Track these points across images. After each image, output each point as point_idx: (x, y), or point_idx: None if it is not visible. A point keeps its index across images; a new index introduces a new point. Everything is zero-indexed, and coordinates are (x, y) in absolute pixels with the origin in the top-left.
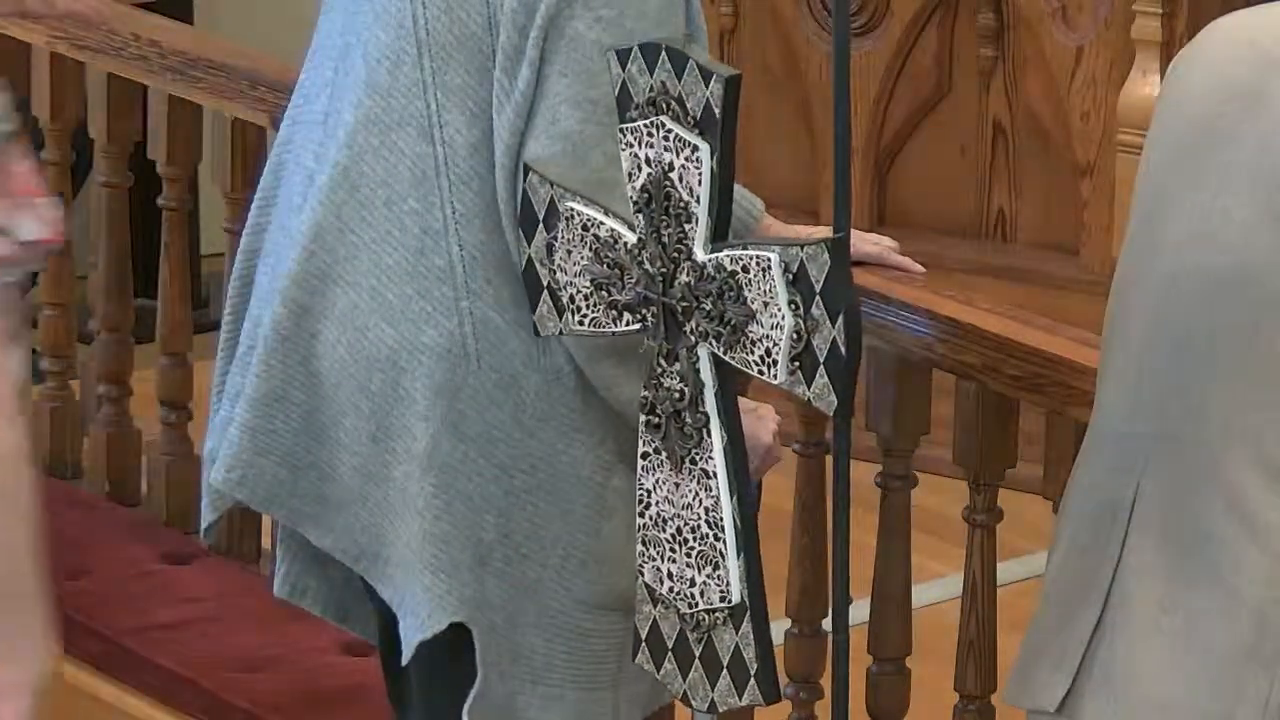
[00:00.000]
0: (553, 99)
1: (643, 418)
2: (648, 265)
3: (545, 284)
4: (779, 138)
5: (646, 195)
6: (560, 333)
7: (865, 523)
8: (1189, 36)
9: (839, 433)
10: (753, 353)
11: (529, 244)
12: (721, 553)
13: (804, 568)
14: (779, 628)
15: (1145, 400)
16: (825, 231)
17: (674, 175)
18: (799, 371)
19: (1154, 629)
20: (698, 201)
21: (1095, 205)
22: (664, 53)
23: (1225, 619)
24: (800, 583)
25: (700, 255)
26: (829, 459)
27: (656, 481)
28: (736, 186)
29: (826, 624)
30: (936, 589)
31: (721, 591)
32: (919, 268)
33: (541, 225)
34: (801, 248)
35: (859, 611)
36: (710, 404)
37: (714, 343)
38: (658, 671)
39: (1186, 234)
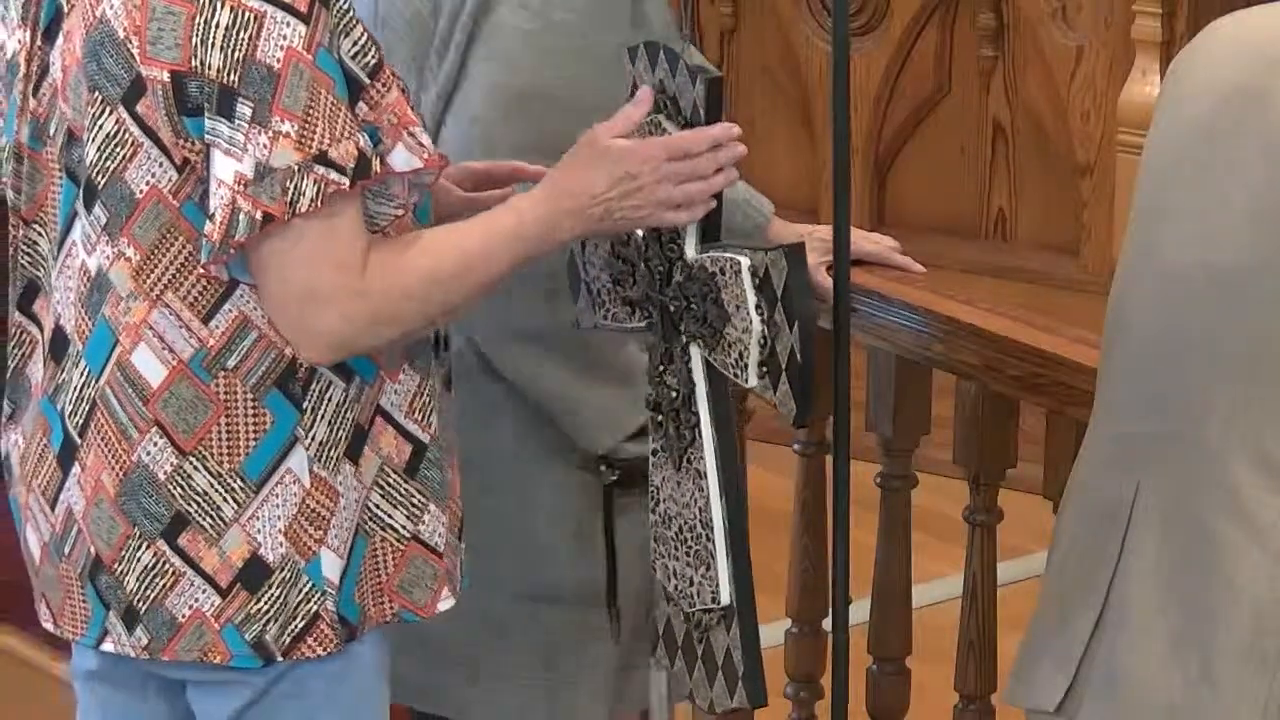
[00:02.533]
0: (470, 84)
1: (650, 415)
2: (650, 262)
3: (583, 279)
4: (779, 138)
5: None
6: (596, 326)
7: (865, 523)
8: (1189, 36)
9: (839, 433)
10: (729, 355)
11: None
12: (712, 554)
13: (804, 568)
14: (779, 627)
15: (1145, 400)
16: (825, 232)
17: None
18: (766, 376)
19: (1153, 629)
20: None
21: (1095, 205)
22: (661, 52)
23: (1225, 619)
24: (800, 583)
25: (690, 255)
26: (829, 459)
27: (663, 479)
28: (746, 187)
29: (826, 624)
30: (936, 589)
31: (713, 593)
32: (919, 267)
33: None
34: (765, 253)
35: (859, 611)
36: (701, 404)
37: (700, 343)
38: (671, 668)
39: (1186, 234)
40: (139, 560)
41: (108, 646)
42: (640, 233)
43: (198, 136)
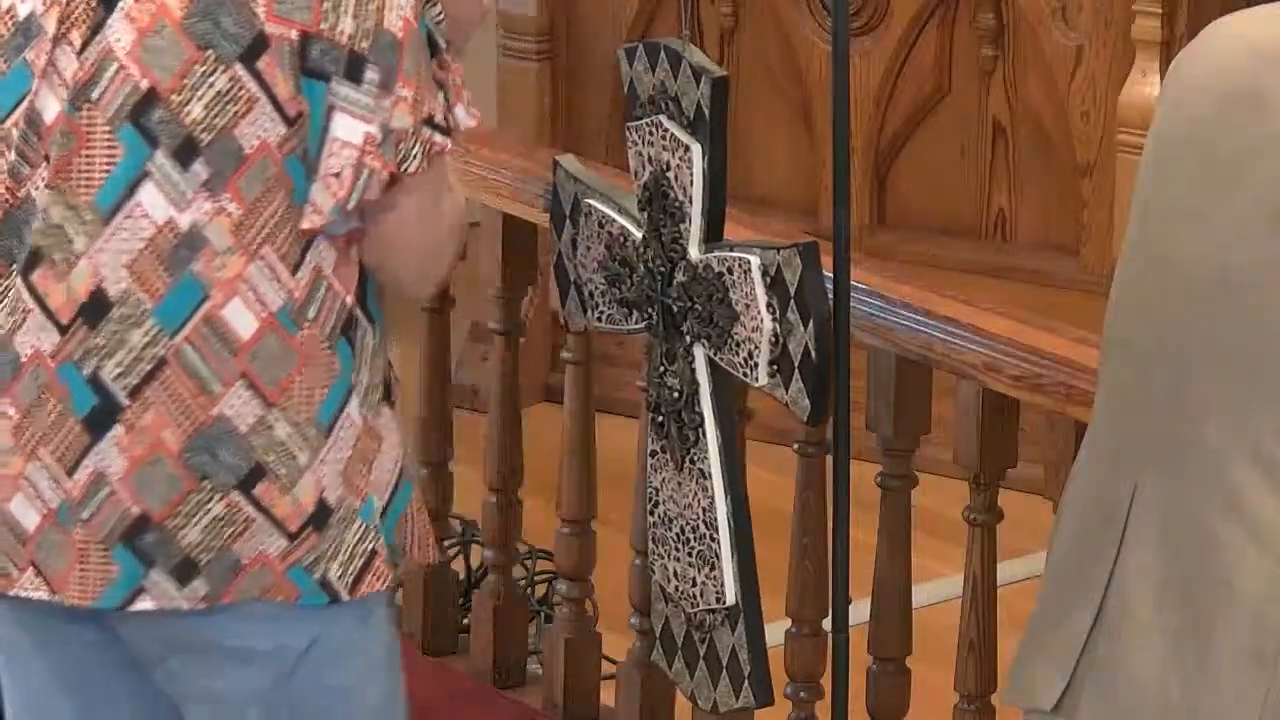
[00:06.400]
0: None
1: (649, 416)
2: (650, 263)
3: (572, 279)
4: (779, 138)
5: (647, 194)
6: (586, 327)
7: (865, 523)
8: (1189, 36)
9: (839, 433)
10: (738, 354)
11: (558, 238)
12: (717, 554)
13: (804, 568)
14: (779, 628)
15: (1144, 400)
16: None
17: (670, 175)
18: (777, 375)
19: (1151, 628)
20: (690, 202)
21: (1095, 205)
22: (663, 51)
23: (1223, 619)
24: (800, 583)
25: (694, 255)
26: (829, 459)
27: (663, 480)
28: None
29: (826, 624)
30: (936, 589)
31: (717, 593)
32: None
33: (568, 221)
34: (778, 251)
35: (859, 611)
36: (705, 404)
37: (705, 343)
38: (669, 669)
39: (1186, 234)
40: (207, 512)
41: (144, 605)
42: (639, 234)
43: (307, 97)
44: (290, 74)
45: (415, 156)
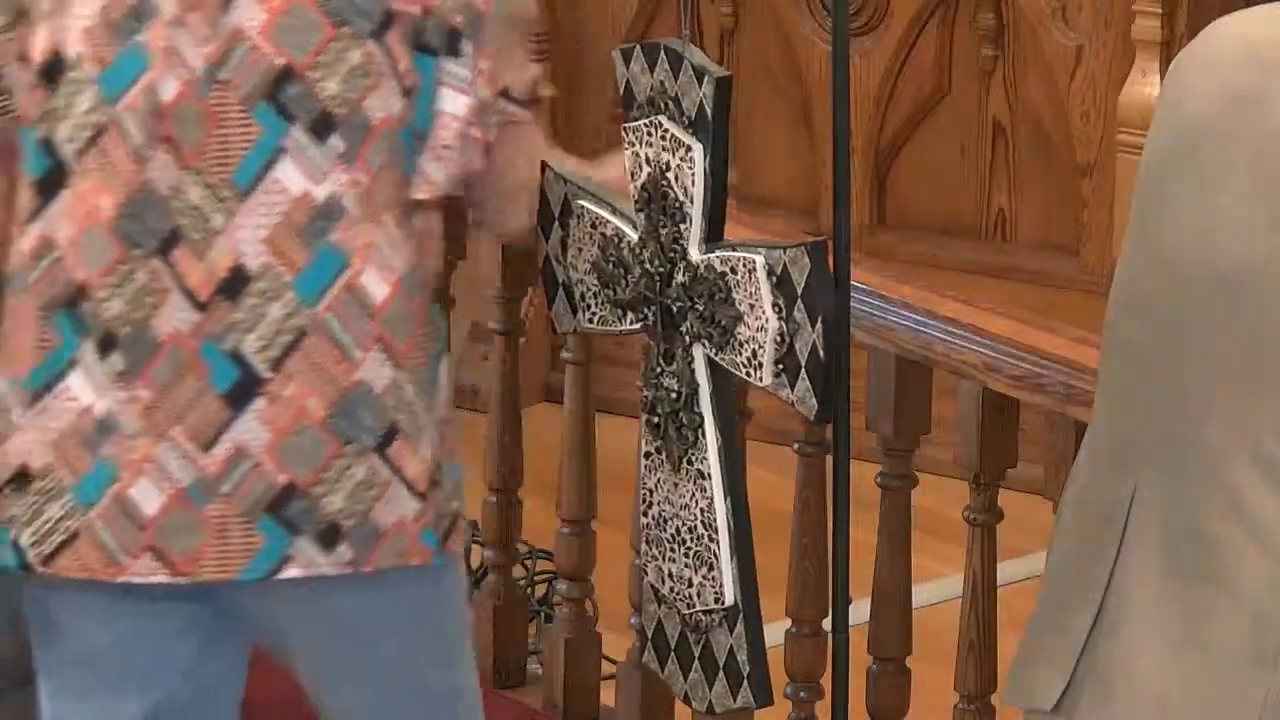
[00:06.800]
0: None
1: (644, 417)
2: (647, 264)
3: (560, 281)
4: (779, 138)
5: (645, 194)
6: (575, 330)
7: (865, 523)
8: (1189, 36)
9: (839, 432)
10: (741, 354)
11: (546, 240)
12: (715, 554)
13: (804, 568)
14: (779, 628)
15: (1145, 400)
16: None
17: (670, 175)
18: (783, 374)
19: (1151, 628)
20: (691, 202)
21: (1095, 205)
22: (662, 51)
23: (1223, 618)
24: (800, 583)
25: (694, 255)
26: (829, 459)
27: (658, 481)
28: None
29: (826, 624)
30: (936, 589)
31: (716, 593)
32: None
33: (557, 222)
34: (784, 250)
35: (859, 611)
36: (705, 405)
37: (706, 344)
38: (662, 671)
39: (1185, 234)
40: (350, 477)
41: (292, 572)
42: (635, 234)
43: (419, 71)
44: (407, 49)
45: (493, 128)
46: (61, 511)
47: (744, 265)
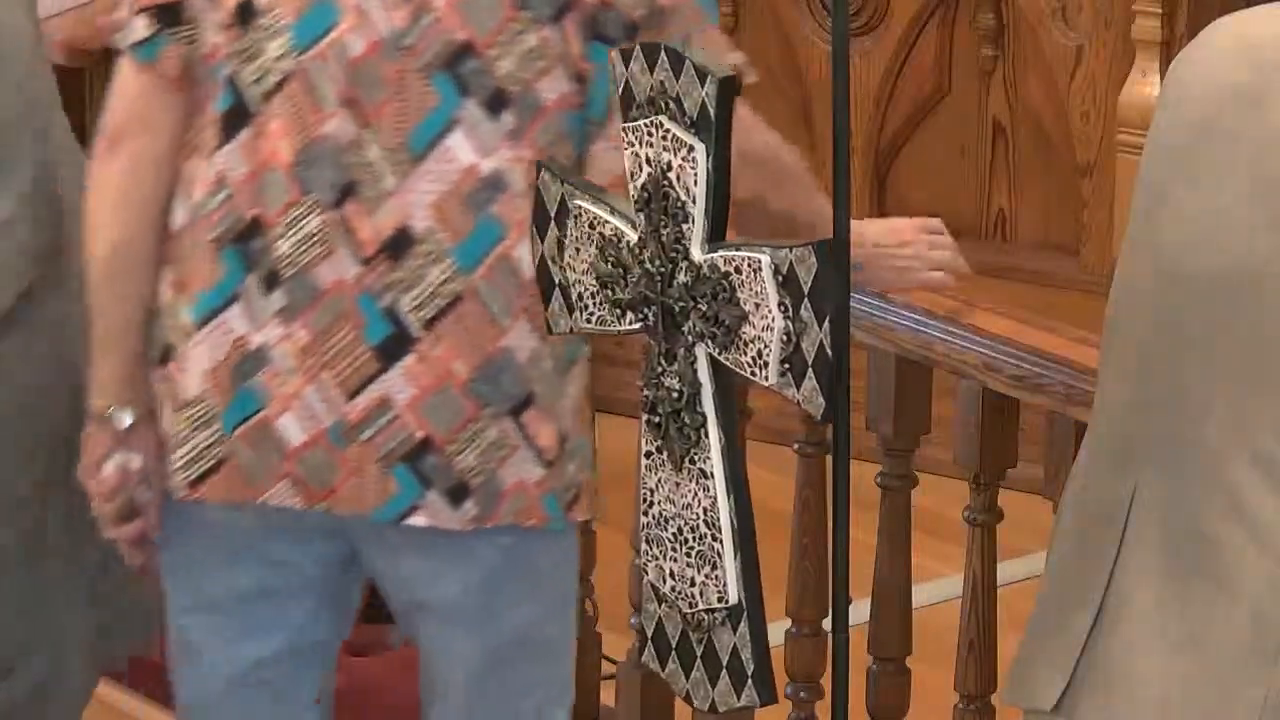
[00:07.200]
0: None
1: (644, 417)
2: (648, 264)
3: (556, 281)
4: None
5: (646, 195)
6: (571, 330)
7: (865, 523)
8: (1189, 36)
9: (839, 433)
10: (745, 354)
11: (541, 241)
12: (719, 553)
13: (804, 568)
14: (779, 628)
15: (1145, 400)
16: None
17: (672, 175)
18: (789, 374)
19: (1151, 628)
20: (694, 202)
21: (1095, 205)
22: (663, 52)
23: (1223, 618)
24: (800, 583)
25: (697, 255)
26: (829, 459)
27: (659, 481)
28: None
29: (826, 624)
30: (936, 589)
31: (719, 592)
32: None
33: (553, 223)
34: (791, 249)
35: (859, 611)
36: (707, 404)
37: (709, 343)
38: (662, 670)
39: (1185, 234)
40: (484, 438)
41: (418, 520)
42: (634, 234)
43: (594, 60)
44: (581, 37)
45: None
46: (211, 439)
47: (749, 264)
